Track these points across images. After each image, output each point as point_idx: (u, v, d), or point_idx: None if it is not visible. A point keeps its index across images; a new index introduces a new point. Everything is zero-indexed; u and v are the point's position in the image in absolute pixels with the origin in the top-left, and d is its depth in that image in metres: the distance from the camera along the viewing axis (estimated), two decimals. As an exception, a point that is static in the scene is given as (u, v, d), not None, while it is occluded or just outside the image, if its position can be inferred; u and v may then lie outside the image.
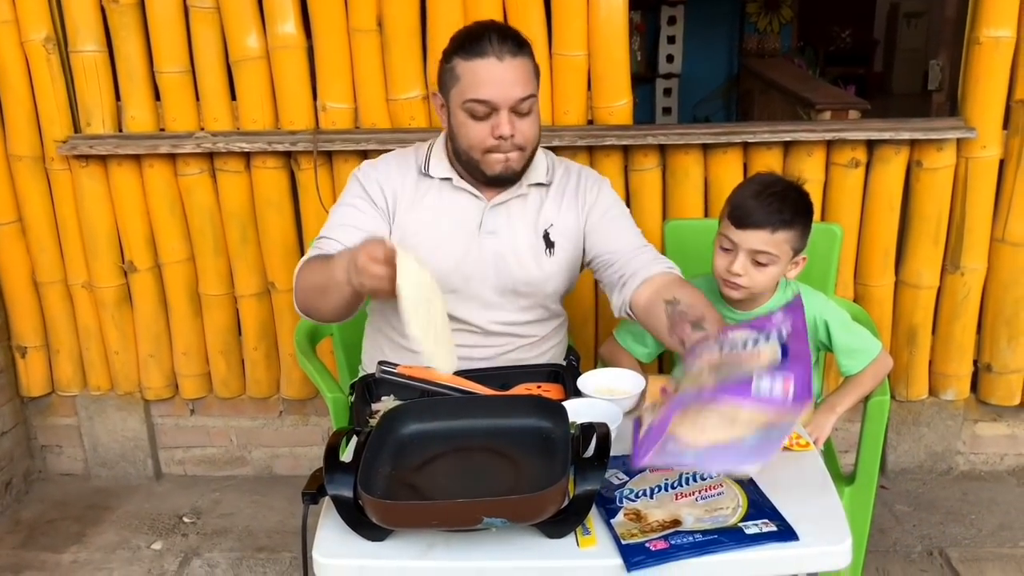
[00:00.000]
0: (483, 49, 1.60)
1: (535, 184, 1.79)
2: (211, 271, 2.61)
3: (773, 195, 1.70)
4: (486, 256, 1.75)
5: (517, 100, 1.62)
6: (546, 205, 1.80)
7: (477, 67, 1.61)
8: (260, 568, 2.38)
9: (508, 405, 1.47)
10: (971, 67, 2.33)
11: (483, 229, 1.75)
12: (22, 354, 2.75)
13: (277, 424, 2.81)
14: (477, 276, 1.76)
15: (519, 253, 1.77)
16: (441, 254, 1.73)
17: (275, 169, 2.49)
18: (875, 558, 2.31)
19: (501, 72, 1.60)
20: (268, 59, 2.42)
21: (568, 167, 1.87)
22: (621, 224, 1.84)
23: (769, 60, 6.20)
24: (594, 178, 1.87)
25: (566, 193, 1.82)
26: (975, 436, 2.69)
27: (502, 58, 1.60)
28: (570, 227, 1.81)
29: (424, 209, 1.76)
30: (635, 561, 1.17)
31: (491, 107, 1.62)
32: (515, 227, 1.77)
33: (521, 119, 1.65)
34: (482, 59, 1.60)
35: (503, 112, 1.62)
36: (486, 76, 1.60)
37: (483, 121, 1.64)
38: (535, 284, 1.79)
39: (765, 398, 1.18)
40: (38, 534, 2.58)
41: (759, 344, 1.27)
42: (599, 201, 1.83)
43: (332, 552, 1.23)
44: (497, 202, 1.76)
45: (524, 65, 1.64)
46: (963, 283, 2.48)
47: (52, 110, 2.49)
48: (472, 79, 1.62)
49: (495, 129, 1.63)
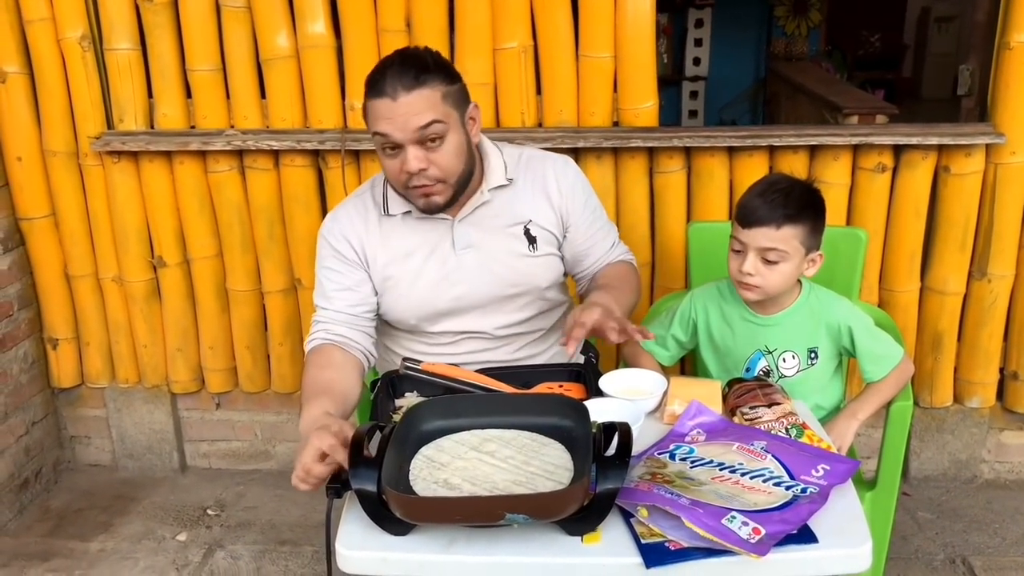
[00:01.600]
0: (380, 88, 1.57)
1: (496, 187, 1.77)
2: (239, 267, 2.64)
3: (778, 191, 1.70)
4: (469, 271, 1.75)
5: (415, 130, 1.57)
6: (517, 203, 1.78)
7: (375, 106, 1.59)
8: (283, 561, 2.41)
9: (530, 403, 1.48)
10: (1001, 72, 2.31)
11: (457, 246, 1.75)
12: (53, 346, 2.80)
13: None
14: (466, 292, 1.76)
15: (501, 258, 1.77)
16: (422, 285, 1.75)
17: (303, 167, 2.51)
18: (896, 565, 2.29)
19: (396, 108, 1.57)
20: (298, 58, 2.45)
21: (529, 157, 1.82)
22: (596, 226, 1.87)
23: (797, 64, 6.16)
24: (560, 164, 1.83)
25: (535, 185, 1.79)
26: (1000, 444, 2.66)
27: (396, 97, 1.56)
28: (549, 219, 1.79)
29: (394, 248, 1.76)
30: (654, 559, 1.18)
31: (394, 143, 1.60)
32: (490, 233, 1.76)
33: (433, 151, 1.61)
34: (379, 99, 1.58)
35: (408, 148, 1.59)
36: (382, 113, 1.58)
37: (395, 158, 1.62)
38: (525, 283, 1.79)
39: (728, 532, 1.19)
40: (66, 523, 2.63)
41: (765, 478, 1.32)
42: (574, 195, 1.81)
43: (356, 545, 1.25)
44: (463, 216, 1.75)
45: (420, 97, 1.57)
46: (990, 290, 2.46)
47: (87, 107, 2.53)
48: (373, 115, 1.60)
49: (404, 164, 1.61)
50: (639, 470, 1.36)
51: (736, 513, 1.21)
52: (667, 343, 1.90)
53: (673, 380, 1.62)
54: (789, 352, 1.80)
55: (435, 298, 1.76)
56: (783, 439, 1.44)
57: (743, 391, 1.60)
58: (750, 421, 1.51)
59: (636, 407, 1.52)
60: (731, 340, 1.84)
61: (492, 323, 1.80)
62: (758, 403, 1.54)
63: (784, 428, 1.47)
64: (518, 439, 1.38)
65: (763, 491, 1.28)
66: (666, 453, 1.41)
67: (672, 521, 1.21)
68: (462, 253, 1.75)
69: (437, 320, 1.79)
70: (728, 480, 1.31)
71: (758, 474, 1.33)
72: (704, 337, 1.89)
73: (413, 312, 1.78)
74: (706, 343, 1.89)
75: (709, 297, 1.88)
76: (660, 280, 2.52)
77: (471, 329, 1.80)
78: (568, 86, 2.40)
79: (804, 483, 1.30)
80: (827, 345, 1.82)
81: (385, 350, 1.91)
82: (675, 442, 1.45)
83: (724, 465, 1.35)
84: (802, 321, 1.81)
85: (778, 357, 1.81)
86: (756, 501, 1.25)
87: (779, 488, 1.29)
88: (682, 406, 1.55)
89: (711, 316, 1.87)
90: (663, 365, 1.90)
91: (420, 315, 1.79)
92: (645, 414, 1.54)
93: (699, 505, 1.22)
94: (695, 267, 2.21)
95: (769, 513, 1.22)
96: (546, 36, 2.36)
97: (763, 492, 1.28)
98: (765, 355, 1.81)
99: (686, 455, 1.40)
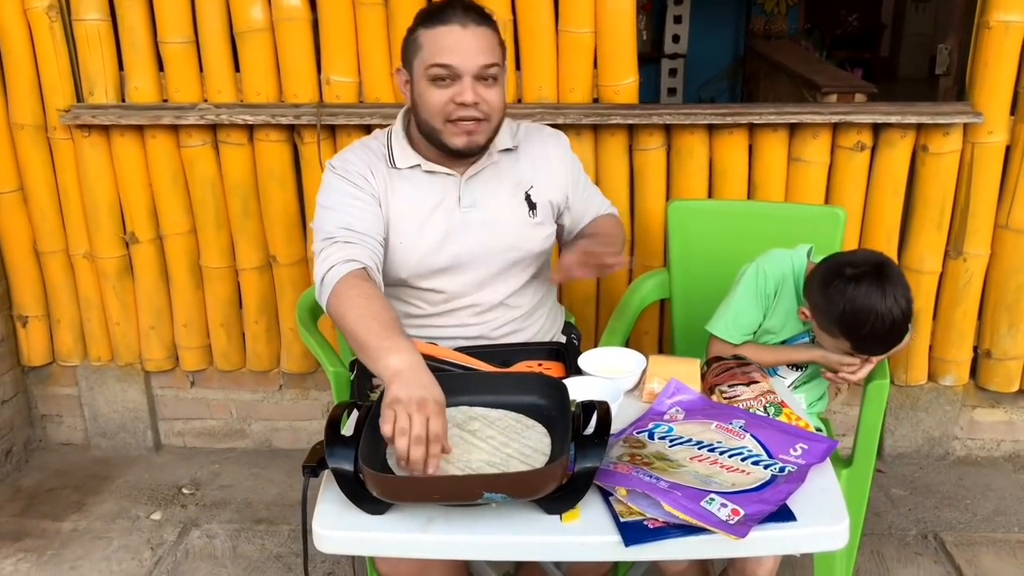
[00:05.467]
0: (446, 17, 1.59)
1: (503, 150, 1.78)
2: (213, 243, 2.60)
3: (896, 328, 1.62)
4: (471, 228, 1.74)
5: (481, 67, 1.60)
6: (520, 168, 1.80)
7: (440, 34, 1.59)
8: (258, 540, 2.40)
9: (509, 382, 1.48)
10: (980, 52, 2.32)
11: (463, 204, 1.74)
12: (23, 324, 2.75)
13: (277, 398, 2.82)
14: (465, 250, 1.75)
15: (503, 219, 1.77)
16: (425, 238, 1.73)
17: (278, 142, 2.48)
18: (870, 541, 2.32)
19: (465, 38, 1.59)
20: (272, 31, 2.40)
21: (527, 128, 1.86)
22: (588, 193, 1.93)
23: (776, 42, 6.16)
24: (553, 137, 1.87)
25: (536, 154, 1.82)
26: (973, 422, 2.70)
27: (466, 25, 1.59)
28: (547, 187, 1.81)
29: (400, 201, 1.73)
30: (633, 537, 1.18)
31: (454, 73, 1.60)
32: (494, 194, 1.77)
33: (486, 88, 1.62)
34: (445, 26, 1.59)
35: (466, 79, 1.60)
36: (449, 42, 1.59)
37: (445, 88, 1.62)
38: (523, 247, 1.79)
39: (707, 514, 1.19)
40: (38, 502, 2.59)
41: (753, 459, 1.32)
42: (571, 168, 1.87)
43: (332, 524, 1.24)
44: (471, 174, 1.75)
45: (488, 35, 1.62)
46: (965, 269, 2.48)
47: (55, 79, 2.47)
48: (435, 46, 1.60)
49: (457, 96, 1.61)
50: (618, 450, 1.35)
51: (715, 495, 1.21)
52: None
53: (652, 358, 1.62)
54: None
55: (436, 252, 1.73)
56: (761, 418, 1.44)
57: (721, 369, 1.60)
58: (729, 399, 1.51)
59: (615, 385, 1.52)
60: (784, 315, 1.82)
61: (480, 293, 1.79)
62: (737, 381, 1.54)
63: (762, 406, 1.48)
64: (503, 419, 1.37)
65: (741, 470, 1.28)
66: (645, 432, 1.41)
67: (651, 500, 1.21)
68: (466, 211, 1.74)
69: (430, 276, 1.75)
70: (706, 460, 1.31)
71: (736, 452, 1.33)
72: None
73: (410, 265, 1.74)
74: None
75: (781, 273, 1.80)
76: (639, 259, 2.51)
77: (457, 297, 1.78)
78: (548, 62, 2.38)
79: (782, 462, 1.31)
80: None
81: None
82: (654, 420, 1.45)
83: (703, 444, 1.35)
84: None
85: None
86: (735, 481, 1.25)
87: (757, 467, 1.29)
88: (661, 384, 1.54)
89: (781, 294, 1.81)
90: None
91: (416, 269, 1.74)
92: (624, 392, 1.54)
93: (678, 488, 1.22)
94: (674, 245, 2.20)
95: (747, 494, 1.22)
96: (526, 11, 2.33)
97: (741, 472, 1.28)
98: (811, 334, 1.80)
99: (665, 434, 1.40)
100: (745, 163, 2.42)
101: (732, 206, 2.34)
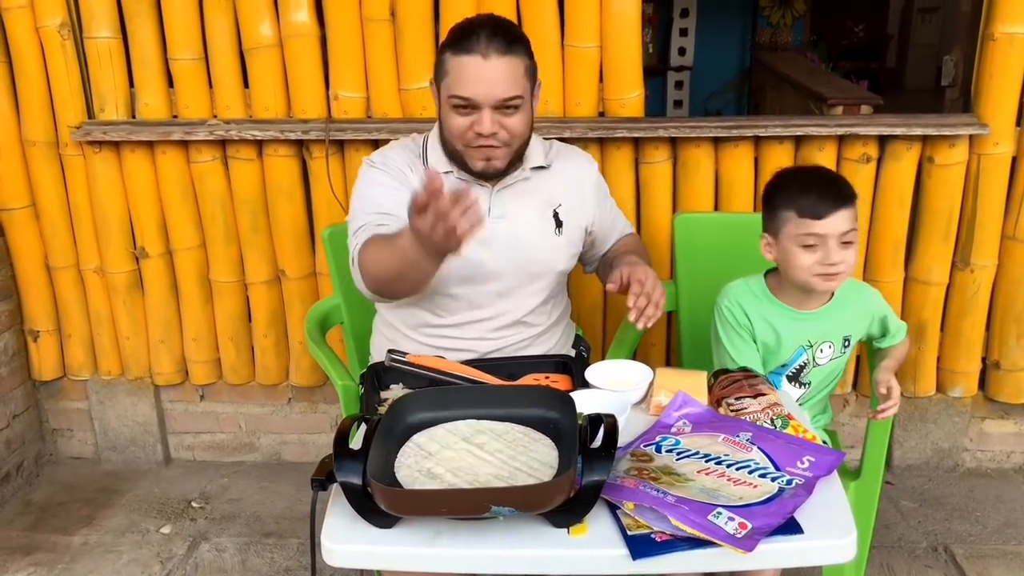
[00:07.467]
0: (470, 46, 1.61)
1: (536, 167, 1.81)
2: (222, 258, 2.62)
3: (829, 177, 1.79)
4: (498, 238, 1.75)
5: (499, 100, 1.62)
6: (550, 185, 1.82)
7: (463, 64, 1.61)
8: (267, 553, 2.40)
9: (517, 395, 1.48)
10: (985, 63, 2.32)
11: (492, 214, 1.76)
12: (34, 338, 2.77)
13: (286, 411, 2.83)
14: (490, 260, 1.76)
15: (530, 233, 1.79)
16: None
17: (287, 157, 2.49)
18: (879, 554, 2.31)
19: (486, 71, 1.60)
20: (281, 47, 2.43)
21: (559, 148, 1.90)
22: (613, 215, 1.98)
23: (781, 54, 6.17)
24: (585, 160, 1.93)
25: (566, 173, 1.85)
26: (982, 433, 2.69)
27: (488, 56, 1.60)
28: (575, 207, 1.84)
29: None
30: (640, 551, 1.18)
31: (473, 104, 1.63)
32: (523, 209, 1.79)
33: (506, 116, 1.65)
34: (468, 56, 1.61)
35: (485, 111, 1.63)
36: (471, 74, 1.61)
37: (466, 116, 1.65)
38: (547, 263, 1.81)
39: (714, 528, 1.18)
40: (48, 516, 2.61)
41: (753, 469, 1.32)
42: (599, 191, 1.92)
43: (340, 538, 1.24)
44: (502, 186, 1.77)
45: (511, 64, 1.62)
46: (973, 280, 2.47)
47: (66, 96, 2.50)
48: (457, 75, 1.62)
49: (476, 125, 1.64)
50: (625, 464, 1.35)
51: (722, 509, 1.21)
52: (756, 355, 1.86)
53: (659, 371, 1.62)
54: (827, 343, 1.82)
55: (461, 258, 1.73)
56: (768, 430, 1.44)
57: (728, 382, 1.60)
58: (736, 412, 1.51)
59: (622, 398, 1.52)
60: (774, 339, 1.81)
61: (500, 307, 1.80)
62: (744, 394, 1.54)
63: (769, 419, 1.48)
64: (510, 433, 1.38)
65: (749, 483, 1.28)
66: (652, 445, 1.41)
67: (658, 514, 1.21)
68: (495, 221, 1.75)
69: (453, 283, 1.76)
70: (714, 472, 1.31)
71: (744, 465, 1.33)
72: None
73: None
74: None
75: (744, 299, 1.83)
76: (646, 271, 2.51)
77: (476, 310, 1.79)
78: (554, 76, 2.39)
79: (789, 474, 1.31)
80: (860, 332, 1.87)
81: (385, 325, 1.89)
82: (661, 433, 1.45)
83: (710, 457, 1.35)
84: (842, 310, 1.82)
85: (816, 349, 1.82)
86: (742, 495, 1.25)
87: (764, 480, 1.29)
88: (668, 397, 1.55)
89: (753, 318, 1.82)
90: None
91: (439, 273, 1.74)
92: (631, 405, 1.54)
93: (685, 502, 1.23)
94: (681, 258, 2.21)
95: (755, 507, 1.22)
96: (532, 25, 2.35)
97: (749, 484, 1.28)
98: (807, 350, 1.82)
99: (672, 447, 1.40)
100: (751, 175, 2.43)
101: (738, 218, 2.35)
